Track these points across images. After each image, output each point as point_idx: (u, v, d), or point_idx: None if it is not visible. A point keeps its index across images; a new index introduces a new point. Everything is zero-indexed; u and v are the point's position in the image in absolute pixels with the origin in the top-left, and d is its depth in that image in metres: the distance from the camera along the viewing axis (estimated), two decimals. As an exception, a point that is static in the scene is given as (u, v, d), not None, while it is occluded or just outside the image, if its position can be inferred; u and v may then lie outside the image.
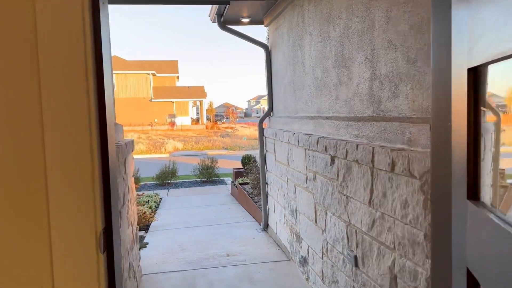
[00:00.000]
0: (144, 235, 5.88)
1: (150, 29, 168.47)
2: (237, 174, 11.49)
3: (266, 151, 5.50)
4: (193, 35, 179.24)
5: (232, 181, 10.23)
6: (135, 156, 17.92)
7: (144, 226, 6.36)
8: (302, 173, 3.81)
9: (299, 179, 3.92)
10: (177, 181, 12.18)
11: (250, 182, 8.18)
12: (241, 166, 12.32)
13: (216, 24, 5.41)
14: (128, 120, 44.11)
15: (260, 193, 6.91)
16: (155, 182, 11.85)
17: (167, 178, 11.68)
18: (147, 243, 5.34)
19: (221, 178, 12.57)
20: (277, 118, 5.13)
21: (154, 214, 7.52)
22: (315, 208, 3.47)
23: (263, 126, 5.61)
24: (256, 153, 23.38)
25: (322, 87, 3.54)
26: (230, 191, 10.31)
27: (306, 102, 4.01)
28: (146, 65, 48.50)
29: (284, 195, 4.61)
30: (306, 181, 3.71)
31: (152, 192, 10.15)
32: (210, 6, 5.21)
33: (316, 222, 3.46)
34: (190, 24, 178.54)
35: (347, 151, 2.71)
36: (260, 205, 6.42)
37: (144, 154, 23.42)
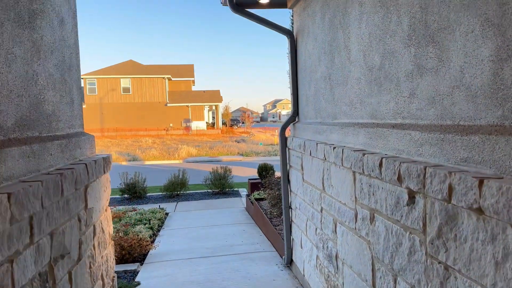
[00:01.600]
0: (138, 269, 4.75)
1: (167, 34, 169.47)
2: (253, 186, 10.32)
3: (290, 166, 4.31)
4: (210, 38, 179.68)
5: (248, 195, 9.05)
6: (147, 163, 17.04)
7: (140, 255, 5.24)
8: (349, 206, 2.61)
9: (343, 214, 2.72)
10: (187, 192, 11.09)
11: (268, 199, 7.00)
12: (257, 176, 11.17)
13: (228, 8, 4.27)
14: (143, 125, 43.58)
15: (281, 214, 5.72)
16: (163, 193, 10.78)
17: (176, 189, 10.59)
18: (139, 283, 4.21)
19: (235, 189, 11.41)
20: (305, 125, 3.94)
21: (155, 237, 6.40)
22: (372, 265, 2.26)
23: (286, 135, 4.44)
24: (273, 161, 22.17)
25: (381, 79, 2.34)
26: (245, 206, 9.15)
27: (351, 102, 2.81)
28: (162, 69, 47.99)
29: (316, 229, 3.41)
30: (355, 220, 2.51)
31: (157, 206, 9.07)
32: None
33: (374, 286, 2.24)
34: (207, 27, 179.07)
35: (450, 188, 1.50)
36: (281, 231, 5.23)
37: (156, 160, 22.51)
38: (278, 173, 12.66)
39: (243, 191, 11.35)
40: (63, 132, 2.30)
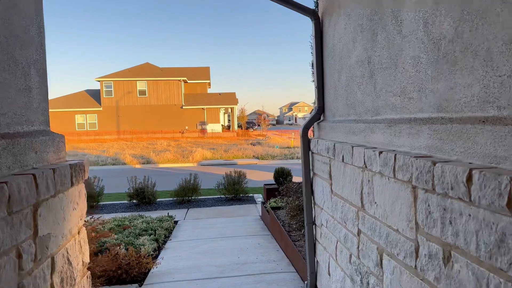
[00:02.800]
0: (135, 293, 4.09)
1: (185, 38, 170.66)
2: (269, 192, 9.60)
3: (314, 173, 3.58)
4: (226, 41, 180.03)
5: (263, 202, 8.33)
6: (160, 166, 16.55)
7: (140, 274, 4.58)
8: (404, 235, 1.86)
9: (394, 244, 1.97)
10: (199, 198, 10.44)
11: (286, 208, 6.27)
12: (273, 180, 10.45)
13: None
14: (159, 128, 43.40)
15: (301, 227, 4.98)
16: (173, 198, 10.15)
17: (187, 195, 9.96)
18: (133, 313, 3.55)
19: (250, 195, 10.70)
20: (333, 123, 3.21)
21: (160, 251, 5.75)
22: (450, 329, 1.51)
23: (309, 136, 3.71)
24: (290, 164, 21.39)
25: (457, 55, 1.61)
26: (260, 214, 8.43)
27: (403, 91, 2.07)
28: (178, 72, 47.82)
29: (350, 256, 2.67)
30: (415, 256, 1.76)
31: (166, 213, 8.44)
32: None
33: None
34: (224, 31, 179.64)
35: None
36: (302, 247, 4.49)
37: (170, 164, 22.04)
38: (296, 178, 11.91)
39: (259, 197, 10.64)
40: (5, 130, 1.65)
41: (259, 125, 59.58)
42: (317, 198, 3.51)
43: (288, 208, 5.78)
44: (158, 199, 10.45)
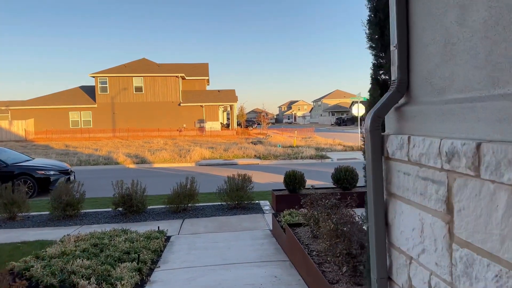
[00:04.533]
0: None
1: (183, 32, 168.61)
2: (280, 200, 8.15)
3: (393, 195, 2.11)
4: (225, 38, 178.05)
5: (275, 215, 6.84)
6: (156, 166, 14.93)
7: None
8: None
9: None
10: (197, 205, 8.97)
11: (311, 227, 4.81)
12: (282, 184, 9.00)
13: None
14: (156, 125, 41.91)
15: (343, 263, 3.52)
16: (167, 206, 8.68)
17: (183, 202, 8.49)
18: None
19: (255, 201, 9.23)
20: (446, 106, 1.72)
21: (144, 285, 4.28)
22: None
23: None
24: (295, 165, 19.92)
25: None
26: (271, 228, 6.97)
27: None
28: (176, 68, 46.29)
29: None
30: None
31: (157, 227, 6.96)
32: None
33: None
34: (223, 27, 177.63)
35: None
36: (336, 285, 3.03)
37: (166, 163, 20.56)
38: (310, 181, 10.43)
39: (266, 205, 9.19)
40: None
41: (259, 124, 58.12)
42: (399, 237, 2.04)
43: (318, 230, 4.30)
44: (149, 207, 8.97)
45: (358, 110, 26.12)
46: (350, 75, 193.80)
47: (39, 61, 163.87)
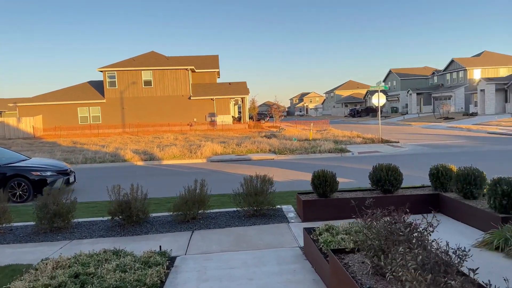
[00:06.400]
0: None
1: (192, 24, 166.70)
2: (308, 206, 6.74)
3: None
4: (235, 30, 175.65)
5: (308, 230, 5.40)
6: (165, 163, 13.31)
7: None
8: None
9: None
10: (209, 212, 7.61)
11: (366, 255, 3.39)
12: (303, 180, 7.61)
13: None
14: (166, 120, 40.77)
15: None
16: (173, 214, 7.33)
17: (191, 209, 7.14)
18: None
19: (276, 207, 7.81)
20: None
21: None
22: None
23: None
24: (313, 160, 18.45)
25: None
26: (300, 244, 5.57)
27: None
28: (185, 61, 44.96)
29: None
30: None
31: (160, 243, 5.62)
32: None
33: None
34: (233, 19, 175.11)
35: None
36: None
37: (176, 160, 19.29)
38: (341, 179, 8.90)
39: (289, 210, 7.78)
40: None
41: (271, 116, 56.55)
42: None
43: (384, 267, 2.86)
44: (153, 214, 7.65)
45: (379, 100, 24.41)
46: (363, 66, 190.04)
47: (47, 58, 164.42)
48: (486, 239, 5.16)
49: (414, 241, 2.97)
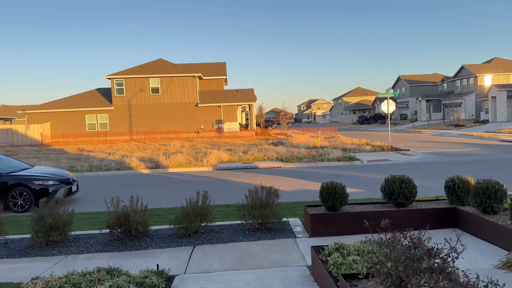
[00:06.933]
0: None
1: (200, 32, 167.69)
2: (316, 220, 6.37)
3: None
4: (242, 37, 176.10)
5: (316, 249, 5.02)
6: (170, 171, 12.84)
7: None
8: None
9: None
10: (212, 225, 7.25)
11: (382, 284, 3.02)
12: (310, 190, 7.23)
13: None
14: (173, 127, 40.68)
15: None
16: (174, 226, 6.99)
17: (193, 222, 6.80)
18: None
19: (282, 220, 7.43)
20: None
21: None
22: None
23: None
24: (321, 168, 18.02)
25: None
26: (307, 263, 5.19)
27: None
28: (193, 68, 45.01)
29: None
30: None
31: (159, 259, 5.28)
32: None
33: None
34: (240, 26, 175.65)
35: None
36: None
37: (182, 168, 19.03)
38: (350, 189, 8.44)
39: (296, 224, 7.40)
40: None
41: (278, 123, 56.23)
42: None
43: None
44: (153, 227, 7.33)
45: (388, 107, 23.96)
46: (371, 72, 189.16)
47: (56, 65, 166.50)
48: (511, 259, 4.74)
49: (437, 270, 2.59)
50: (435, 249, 3.01)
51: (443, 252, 3.06)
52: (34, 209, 10.22)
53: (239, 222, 7.44)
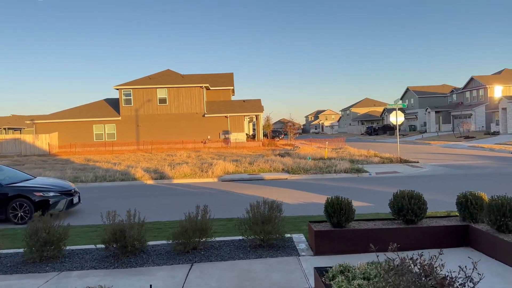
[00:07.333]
0: None
1: (209, 43, 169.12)
2: (320, 237, 6.07)
3: None
4: (251, 47, 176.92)
5: (320, 271, 4.71)
6: (175, 181, 12.61)
7: None
8: None
9: None
10: (212, 240, 6.96)
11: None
12: (316, 203, 6.91)
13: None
14: (180, 137, 40.65)
15: None
16: (173, 242, 6.71)
17: (192, 238, 6.53)
18: None
19: (285, 236, 7.12)
20: None
21: None
22: None
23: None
24: (328, 180, 17.64)
25: None
26: (311, 286, 4.88)
27: None
28: (200, 79, 45.14)
29: None
30: None
31: (155, 277, 5.01)
32: None
33: None
34: (248, 36, 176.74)
35: None
36: None
37: (187, 179, 18.81)
38: (357, 203, 8.04)
39: (300, 240, 7.09)
40: None
41: (285, 134, 55.96)
42: None
43: None
44: (151, 242, 7.07)
45: (397, 118, 23.58)
46: (379, 83, 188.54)
47: (65, 76, 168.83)
48: (530, 284, 4.37)
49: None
50: (448, 278, 2.71)
51: (458, 282, 2.76)
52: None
53: (240, 237, 7.14)
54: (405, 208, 6.18)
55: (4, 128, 69.43)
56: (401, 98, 72.80)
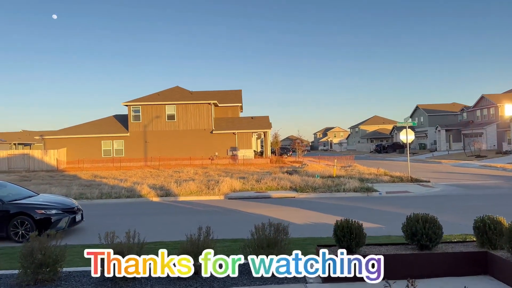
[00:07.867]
0: None
1: (218, 60, 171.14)
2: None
3: None
4: (259, 64, 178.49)
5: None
6: (181, 199, 12.22)
7: None
8: None
9: None
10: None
11: None
12: (324, 224, 6.55)
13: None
14: (187, 154, 40.55)
15: None
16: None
17: (195, 260, 6.20)
18: None
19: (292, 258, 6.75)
20: None
21: None
22: None
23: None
24: (338, 199, 17.21)
25: None
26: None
27: None
28: (209, 95, 45.32)
29: None
30: None
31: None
32: None
33: None
34: (258, 55, 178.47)
35: None
36: None
37: (193, 197, 18.53)
38: (367, 224, 7.64)
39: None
40: None
41: (293, 151, 55.61)
42: None
43: None
44: (148, 258, 6.75)
45: (407, 136, 23.19)
46: (388, 101, 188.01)
47: (75, 93, 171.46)
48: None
49: None
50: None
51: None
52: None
53: (244, 261, 6.80)
54: (419, 233, 5.81)
55: (15, 144, 70.26)
56: (411, 116, 72.25)
